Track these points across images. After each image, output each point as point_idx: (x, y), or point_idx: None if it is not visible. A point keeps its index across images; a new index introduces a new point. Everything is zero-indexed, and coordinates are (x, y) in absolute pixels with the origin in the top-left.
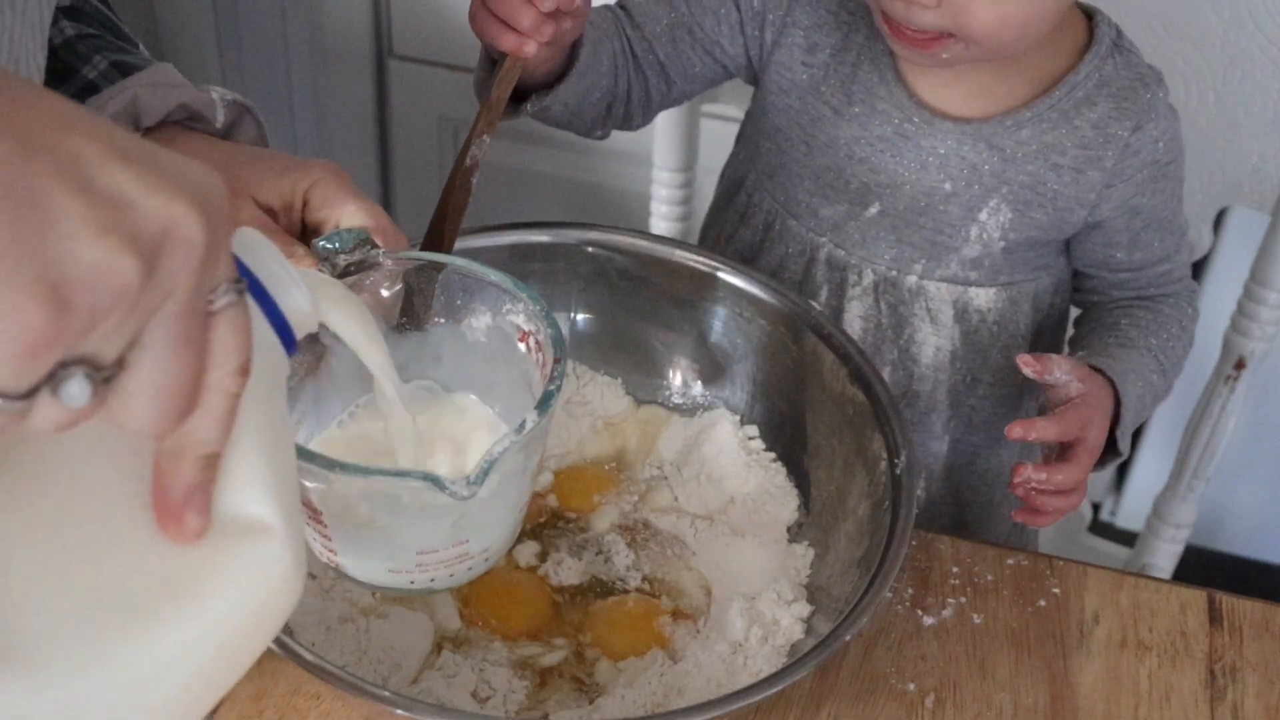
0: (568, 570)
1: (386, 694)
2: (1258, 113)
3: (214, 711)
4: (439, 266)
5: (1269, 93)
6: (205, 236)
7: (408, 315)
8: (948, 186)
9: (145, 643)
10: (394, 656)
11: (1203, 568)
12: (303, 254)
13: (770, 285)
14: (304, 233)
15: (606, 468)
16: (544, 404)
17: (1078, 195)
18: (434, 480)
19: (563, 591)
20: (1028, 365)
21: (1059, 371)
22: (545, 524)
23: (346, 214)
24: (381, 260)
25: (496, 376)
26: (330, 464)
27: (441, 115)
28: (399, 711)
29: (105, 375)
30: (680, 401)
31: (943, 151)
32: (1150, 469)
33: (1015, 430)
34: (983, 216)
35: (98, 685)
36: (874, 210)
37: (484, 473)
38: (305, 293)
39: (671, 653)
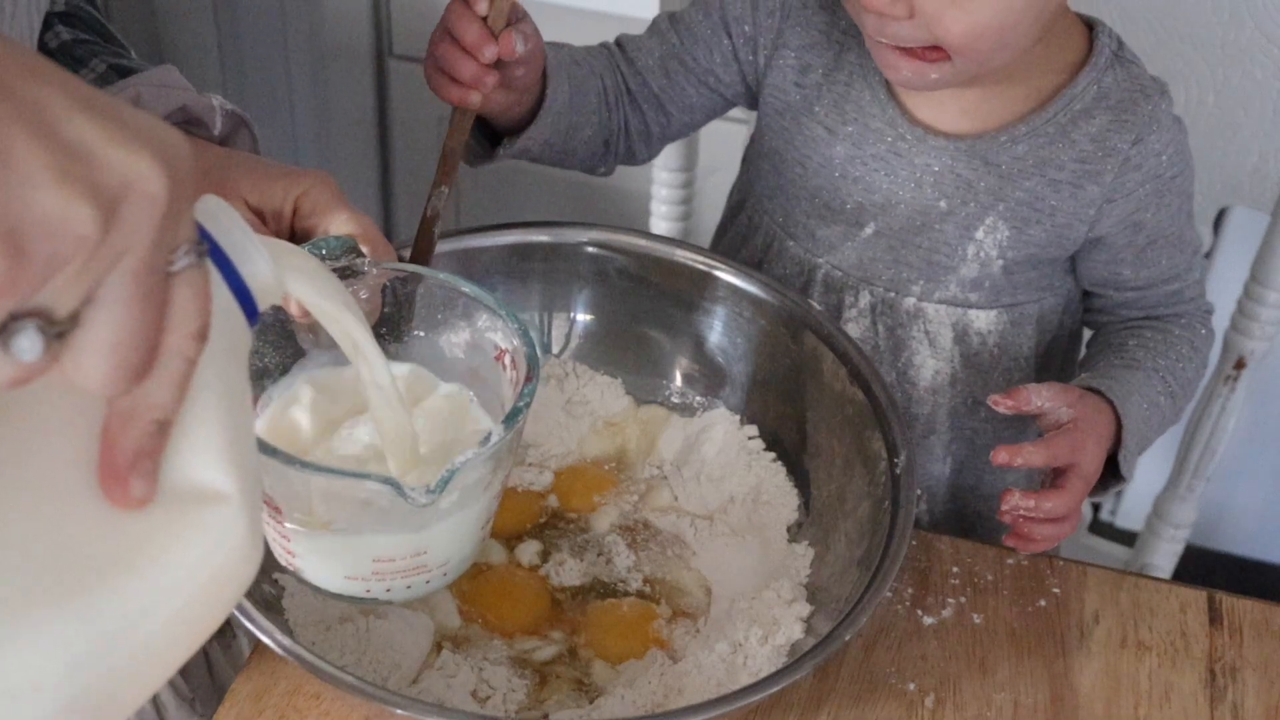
0: (569, 572)
1: (386, 694)
2: (1258, 113)
3: (214, 711)
4: (421, 279)
5: (1269, 93)
6: (167, 193)
7: (387, 326)
8: (943, 205)
9: (92, 612)
10: (394, 656)
11: (1203, 568)
12: None
13: (770, 285)
14: (292, 240)
15: (606, 468)
16: (510, 419)
17: (1076, 211)
18: (393, 485)
19: (564, 592)
20: (999, 404)
21: (1037, 400)
22: (546, 524)
23: (336, 223)
24: (366, 269)
25: (472, 392)
26: (289, 460)
27: (441, 115)
28: (399, 711)
29: (59, 330)
30: (680, 401)
31: (937, 169)
32: (1150, 469)
33: (1000, 456)
34: (979, 235)
35: (43, 654)
36: (870, 230)
37: (444, 482)
38: (268, 261)
39: (671, 653)
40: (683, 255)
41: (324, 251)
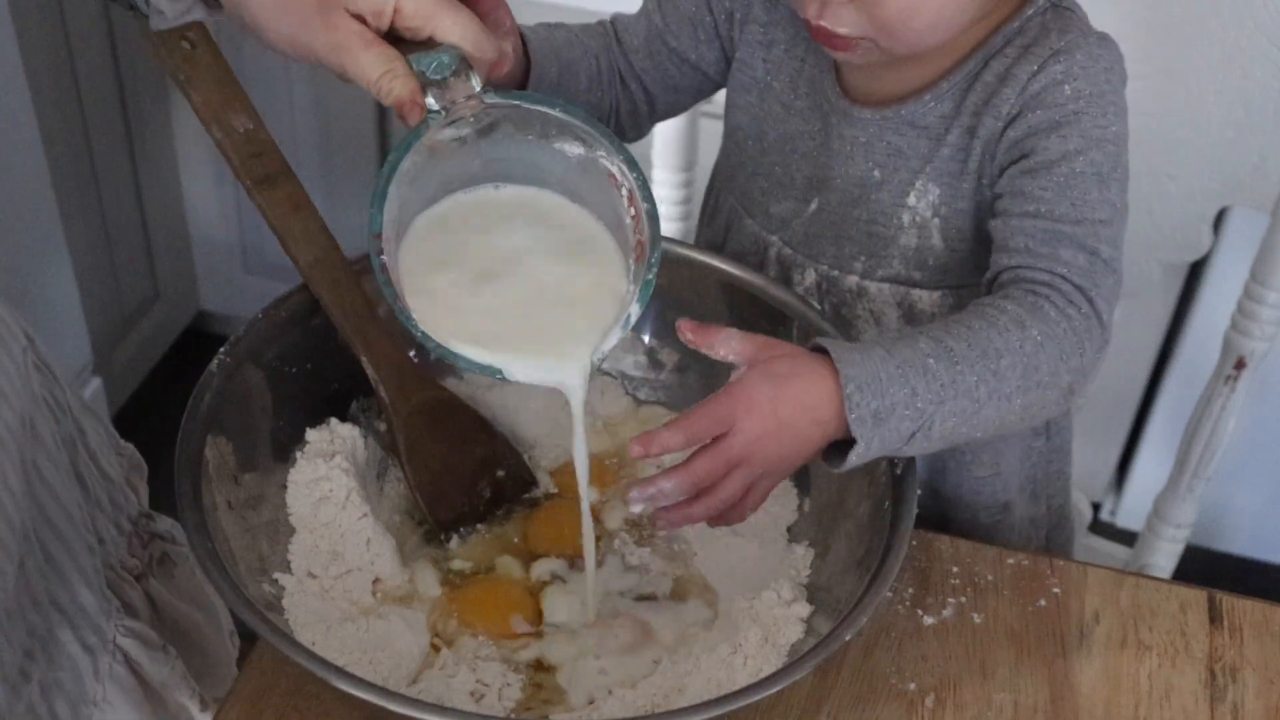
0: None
1: (386, 694)
2: (1258, 113)
3: (186, 653)
4: (535, 108)
5: (1269, 93)
6: None
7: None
8: (876, 174)
9: None
10: (394, 656)
11: (1203, 568)
12: (404, 72)
13: (771, 285)
14: (392, 39)
15: (608, 463)
16: (643, 294)
17: (985, 149)
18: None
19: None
20: (685, 333)
21: (723, 348)
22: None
23: (441, 28)
24: (485, 99)
25: (581, 185)
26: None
27: None
28: (399, 711)
29: None
30: (680, 402)
31: (864, 140)
32: (1150, 469)
33: (635, 449)
34: (911, 200)
35: None
36: (814, 206)
37: (599, 361)
38: None
39: (672, 652)
40: (682, 255)
41: (431, 70)
